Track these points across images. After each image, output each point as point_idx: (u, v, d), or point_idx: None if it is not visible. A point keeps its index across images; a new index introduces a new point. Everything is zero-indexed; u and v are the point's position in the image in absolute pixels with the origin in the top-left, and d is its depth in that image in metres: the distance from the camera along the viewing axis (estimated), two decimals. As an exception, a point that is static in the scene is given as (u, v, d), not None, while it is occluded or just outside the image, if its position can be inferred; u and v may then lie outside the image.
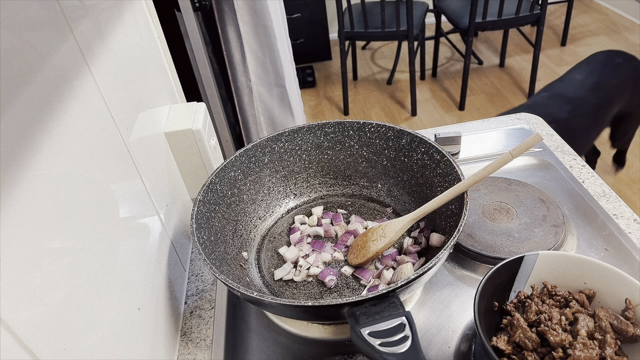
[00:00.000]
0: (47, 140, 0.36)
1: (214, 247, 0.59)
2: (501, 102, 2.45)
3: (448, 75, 2.74)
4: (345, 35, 2.25)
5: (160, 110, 0.71)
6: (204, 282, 0.69)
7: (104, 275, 0.42)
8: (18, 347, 0.29)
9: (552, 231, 0.67)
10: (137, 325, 0.48)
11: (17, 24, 0.35)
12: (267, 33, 1.39)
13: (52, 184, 0.36)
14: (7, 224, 0.30)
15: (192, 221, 0.57)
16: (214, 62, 1.47)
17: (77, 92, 0.43)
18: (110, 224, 0.46)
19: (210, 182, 0.63)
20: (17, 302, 0.29)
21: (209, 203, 0.62)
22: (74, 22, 0.45)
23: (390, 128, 0.69)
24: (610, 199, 0.73)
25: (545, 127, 0.92)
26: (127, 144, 0.53)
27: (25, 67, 0.35)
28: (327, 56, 3.03)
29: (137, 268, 0.51)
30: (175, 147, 0.72)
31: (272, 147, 0.70)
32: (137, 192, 0.55)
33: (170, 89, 0.80)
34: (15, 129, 0.32)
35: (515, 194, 0.74)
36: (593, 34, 2.89)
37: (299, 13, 2.69)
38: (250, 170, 0.69)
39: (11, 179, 0.31)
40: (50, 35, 0.40)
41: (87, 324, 0.38)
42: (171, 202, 0.68)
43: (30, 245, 0.32)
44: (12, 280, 0.29)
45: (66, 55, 0.42)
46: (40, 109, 0.36)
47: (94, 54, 0.49)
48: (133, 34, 0.65)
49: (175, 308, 0.62)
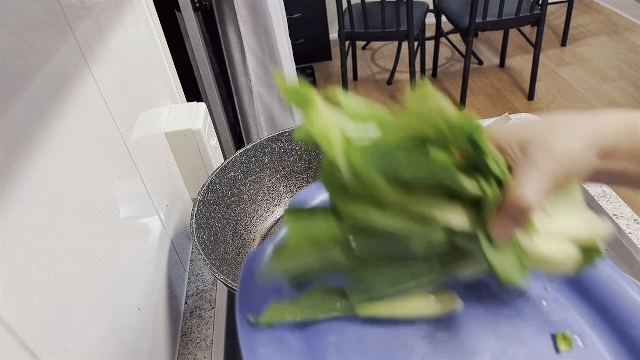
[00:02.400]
0: (47, 140, 0.36)
1: (214, 247, 0.59)
2: (501, 103, 2.45)
3: (448, 76, 2.74)
4: (346, 35, 2.25)
5: (161, 110, 0.71)
6: (204, 282, 0.69)
7: (104, 275, 0.42)
8: (18, 346, 0.29)
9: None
10: (137, 325, 0.48)
11: (18, 24, 0.35)
12: (267, 33, 1.39)
13: (52, 184, 0.36)
14: (7, 224, 0.30)
15: (192, 221, 0.57)
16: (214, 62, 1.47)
17: (78, 92, 0.43)
18: (111, 224, 0.46)
19: (210, 182, 0.63)
20: (17, 302, 0.29)
21: (209, 203, 0.62)
22: (74, 22, 0.45)
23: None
24: (610, 199, 0.73)
25: (546, 128, 0.92)
26: (128, 144, 0.53)
27: (26, 67, 0.35)
28: (327, 56, 3.03)
29: (137, 268, 0.51)
30: (175, 147, 0.72)
31: (272, 147, 0.70)
32: (137, 192, 0.55)
33: (170, 89, 0.80)
34: (16, 129, 0.32)
35: (516, 194, 0.74)
36: (593, 34, 2.89)
37: (299, 13, 2.69)
38: (250, 170, 0.69)
39: (11, 179, 0.31)
40: (50, 35, 0.40)
41: (87, 324, 0.38)
42: (171, 202, 0.68)
43: (30, 245, 0.32)
44: (12, 280, 0.29)
45: (66, 55, 0.42)
46: (41, 108, 0.36)
47: (95, 54, 0.49)
48: (133, 34, 0.65)
49: (175, 308, 0.62)
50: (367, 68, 2.92)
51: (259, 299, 0.35)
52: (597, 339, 0.33)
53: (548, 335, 0.34)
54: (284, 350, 0.32)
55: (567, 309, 0.35)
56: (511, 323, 0.34)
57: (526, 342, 0.33)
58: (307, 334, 0.34)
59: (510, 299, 0.36)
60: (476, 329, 0.34)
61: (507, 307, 0.36)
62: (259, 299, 0.35)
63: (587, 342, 0.33)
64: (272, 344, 0.32)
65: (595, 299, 0.35)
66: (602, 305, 0.35)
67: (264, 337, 0.33)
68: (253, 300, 0.35)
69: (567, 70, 2.59)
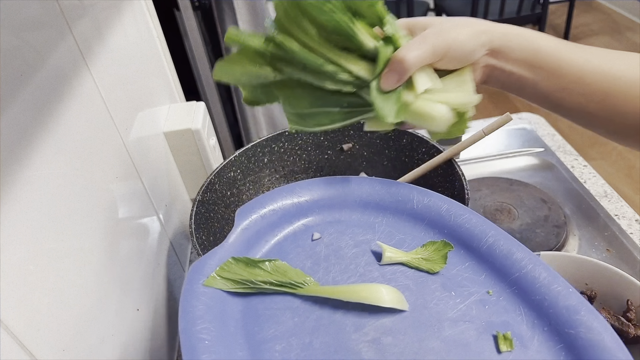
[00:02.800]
0: (46, 140, 0.36)
1: (213, 247, 0.59)
2: (503, 102, 2.44)
3: (449, 75, 2.74)
4: (346, 34, 2.25)
5: (160, 110, 0.71)
6: (203, 282, 0.69)
7: (104, 276, 0.42)
8: (17, 347, 0.29)
9: (553, 232, 0.67)
10: (136, 326, 0.48)
11: (17, 23, 0.35)
12: (268, 32, 1.39)
13: (51, 184, 0.36)
14: (7, 224, 0.29)
15: (191, 221, 0.57)
16: (213, 62, 1.47)
17: (76, 92, 0.43)
18: (110, 224, 0.46)
19: (209, 182, 0.62)
20: (17, 302, 0.29)
21: (208, 203, 0.61)
22: (73, 22, 0.45)
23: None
24: (612, 199, 0.72)
25: (548, 127, 0.92)
26: (126, 143, 0.53)
27: (25, 66, 0.35)
28: (328, 56, 3.02)
29: (136, 268, 0.50)
30: (174, 147, 0.72)
31: (272, 147, 0.70)
32: (136, 192, 0.55)
33: (169, 88, 0.80)
34: (15, 129, 0.32)
35: (517, 195, 0.74)
36: (595, 33, 2.89)
37: (300, 12, 2.69)
38: (249, 170, 0.69)
39: (11, 179, 0.31)
40: (49, 35, 0.40)
41: (86, 324, 0.38)
42: (170, 202, 0.67)
43: (29, 245, 0.32)
44: (12, 280, 0.29)
45: (65, 55, 0.42)
46: (40, 108, 0.36)
47: (93, 54, 0.48)
48: (132, 33, 0.65)
49: (174, 308, 0.61)
50: (368, 67, 2.91)
51: (202, 306, 0.36)
52: (537, 339, 0.35)
53: (490, 336, 0.35)
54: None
55: (508, 311, 0.37)
56: (455, 326, 0.36)
57: (469, 344, 0.35)
58: (253, 346, 0.35)
59: (454, 304, 0.37)
60: (421, 333, 0.35)
61: (451, 311, 0.37)
62: (203, 307, 0.36)
63: (527, 342, 0.35)
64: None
65: (535, 300, 0.37)
66: (540, 307, 0.36)
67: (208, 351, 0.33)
68: (197, 305, 0.36)
69: (568, 70, 2.58)
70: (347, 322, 0.36)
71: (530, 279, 0.38)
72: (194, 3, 1.29)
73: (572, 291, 0.36)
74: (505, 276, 0.39)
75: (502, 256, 0.40)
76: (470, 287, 0.39)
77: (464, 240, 0.42)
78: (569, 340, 0.34)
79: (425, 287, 0.39)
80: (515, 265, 0.39)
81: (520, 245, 0.40)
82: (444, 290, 0.39)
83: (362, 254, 0.42)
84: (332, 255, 0.42)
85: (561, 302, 0.36)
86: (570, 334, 0.34)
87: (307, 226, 0.45)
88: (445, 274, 0.40)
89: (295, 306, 0.38)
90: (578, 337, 0.34)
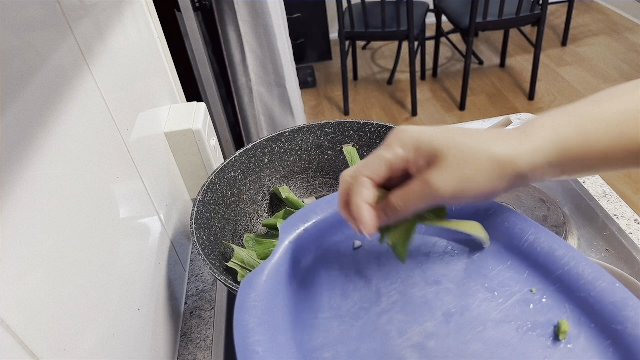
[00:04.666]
0: (47, 140, 0.36)
1: (214, 247, 0.59)
2: (502, 102, 2.45)
3: (448, 75, 2.74)
4: (346, 35, 2.25)
5: (160, 110, 0.71)
6: (203, 282, 0.69)
7: (104, 275, 0.42)
8: (18, 347, 0.29)
9: (552, 231, 0.67)
10: (136, 326, 0.48)
11: (17, 23, 0.35)
12: (267, 33, 1.39)
13: (52, 184, 0.36)
14: (7, 224, 0.29)
15: (191, 221, 0.57)
16: (213, 62, 1.47)
17: (77, 92, 0.43)
18: (110, 224, 0.46)
19: (210, 182, 0.62)
20: (17, 302, 0.29)
21: (209, 203, 0.62)
22: (73, 22, 0.45)
23: (390, 128, 0.69)
24: (611, 199, 0.72)
25: (546, 127, 0.92)
26: (127, 143, 0.53)
27: (25, 67, 0.35)
28: (327, 56, 3.03)
29: (137, 268, 0.51)
30: (175, 147, 0.72)
31: (272, 147, 0.70)
32: (136, 192, 0.55)
33: (170, 88, 0.80)
34: (16, 129, 0.32)
35: (516, 194, 0.74)
36: (594, 34, 2.89)
37: (299, 13, 2.69)
38: (250, 170, 0.69)
39: (11, 179, 0.31)
40: (50, 35, 0.40)
41: (87, 324, 0.38)
42: (171, 202, 0.68)
43: (30, 245, 0.32)
44: (12, 280, 0.29)
45: (66, 55, 0.42)
46: (40, 108, 0.36)
47: (94, 54, 0.49)
48: (133, 33, 0.65)
49: (175, 308, 0.62)
50: (367, 68, 2.92)
51: (255, 319, 0.36)
52: (583, 336, 0.34)
53: (534, 336, 0.35)
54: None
55: (552, 309, 0.36)
56: (498, 327, 0.35)
57: (513, 344, 0.34)
58: (303, 354, 0.35)
59: (497, 304, 0.37)
60: (464, 335, 0.35)
61: (493, 311, 0.37)
62: (255, 320, 0.36)
63: (573, 340, 0.34)
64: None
65: (579, 297, 0.36)
66: (586, 303, 0.36)
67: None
68: (249, 319, 0.36)
69: (568, 70, 2.59)
70: (391, 328, 0.36)
71: (574, 276, 0.37)
72: (195, 4, 1.30)
73: (617, 287, 0.35)
74: (548, 274, 0.38)
75: (544, 253, 0.39)
76: (513, 287, 0.38)
77: (504, 239, 0.41)
78: (616, 336, 0.33)
79: (467, 288, 0.38)
80: (558, 262, 0.38)
81: (562, 242, 0.39)
82: (486, 291, 0.38)
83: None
84: (373, 262, 0.42)
85: (607, 298, 0.35)
86: (618, 330, 0.33)
87: (347, 235, 0.45)
88: (487, 274, 0.39)
89: (340, 314, 0.38)
90: (625, 333, 0.33)
